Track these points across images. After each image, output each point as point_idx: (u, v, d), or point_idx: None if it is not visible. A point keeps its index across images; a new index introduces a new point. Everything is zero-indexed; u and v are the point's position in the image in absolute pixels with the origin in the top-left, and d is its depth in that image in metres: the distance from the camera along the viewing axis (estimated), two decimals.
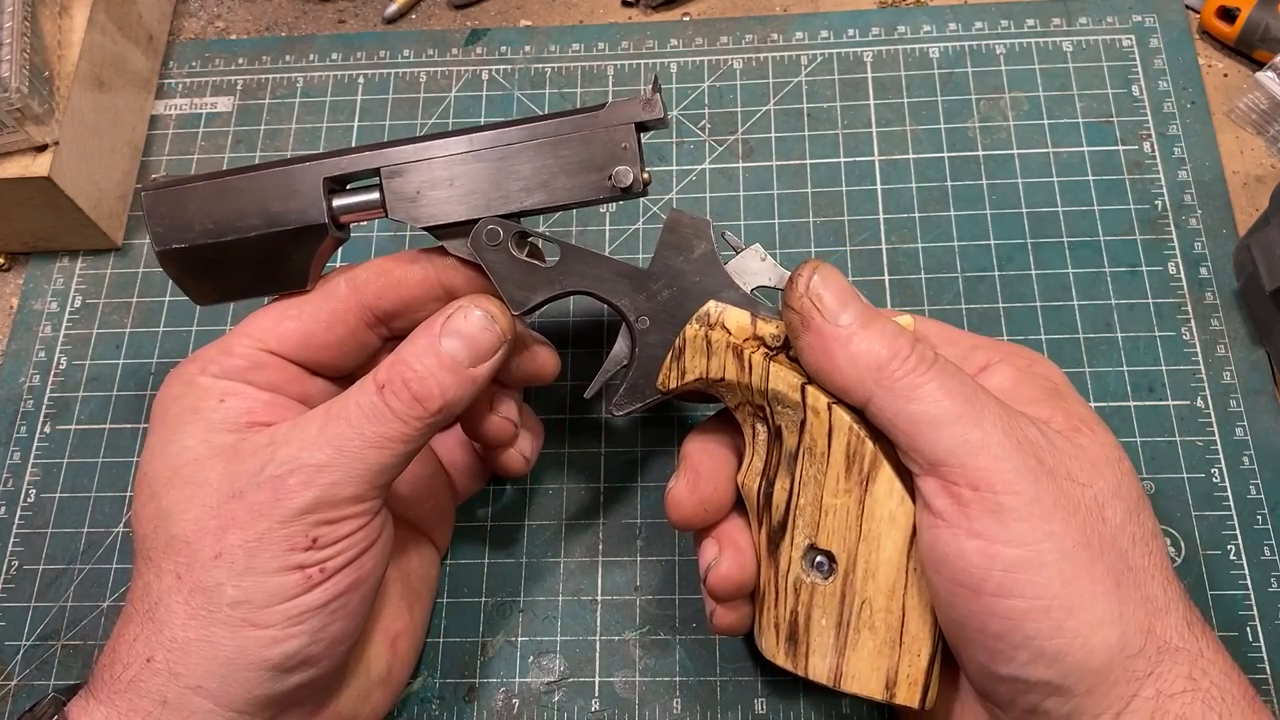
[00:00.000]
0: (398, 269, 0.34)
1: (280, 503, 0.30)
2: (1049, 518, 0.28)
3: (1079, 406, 0.32)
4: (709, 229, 0.34)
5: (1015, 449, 0.28)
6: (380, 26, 0.54)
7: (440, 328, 0.32)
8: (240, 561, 0.29)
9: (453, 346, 0.32)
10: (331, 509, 0.30)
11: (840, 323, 0.30)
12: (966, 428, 0.28)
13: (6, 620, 0.42)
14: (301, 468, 0.30)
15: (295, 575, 0.30)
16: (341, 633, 0.31)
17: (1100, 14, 0.50)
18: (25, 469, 0.45)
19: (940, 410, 0.29)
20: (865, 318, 0.31)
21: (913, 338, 0.30)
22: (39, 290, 0.48)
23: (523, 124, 0.33)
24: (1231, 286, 0.44)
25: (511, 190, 0.33)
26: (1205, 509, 0.40)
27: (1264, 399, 0.42)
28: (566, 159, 0.33)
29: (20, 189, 0.44)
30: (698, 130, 0.49)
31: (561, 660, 0.40)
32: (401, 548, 0.38)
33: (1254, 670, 0.37)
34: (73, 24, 0.47)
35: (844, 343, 0.30)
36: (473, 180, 0.33)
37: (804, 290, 0.31)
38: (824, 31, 0.51)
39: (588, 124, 0.33)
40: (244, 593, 0.29)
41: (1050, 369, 0.34)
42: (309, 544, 0.30)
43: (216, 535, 0.30)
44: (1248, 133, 0.47)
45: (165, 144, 0.51)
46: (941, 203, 0.46)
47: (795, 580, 0.32)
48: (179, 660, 0.29)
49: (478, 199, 0.33)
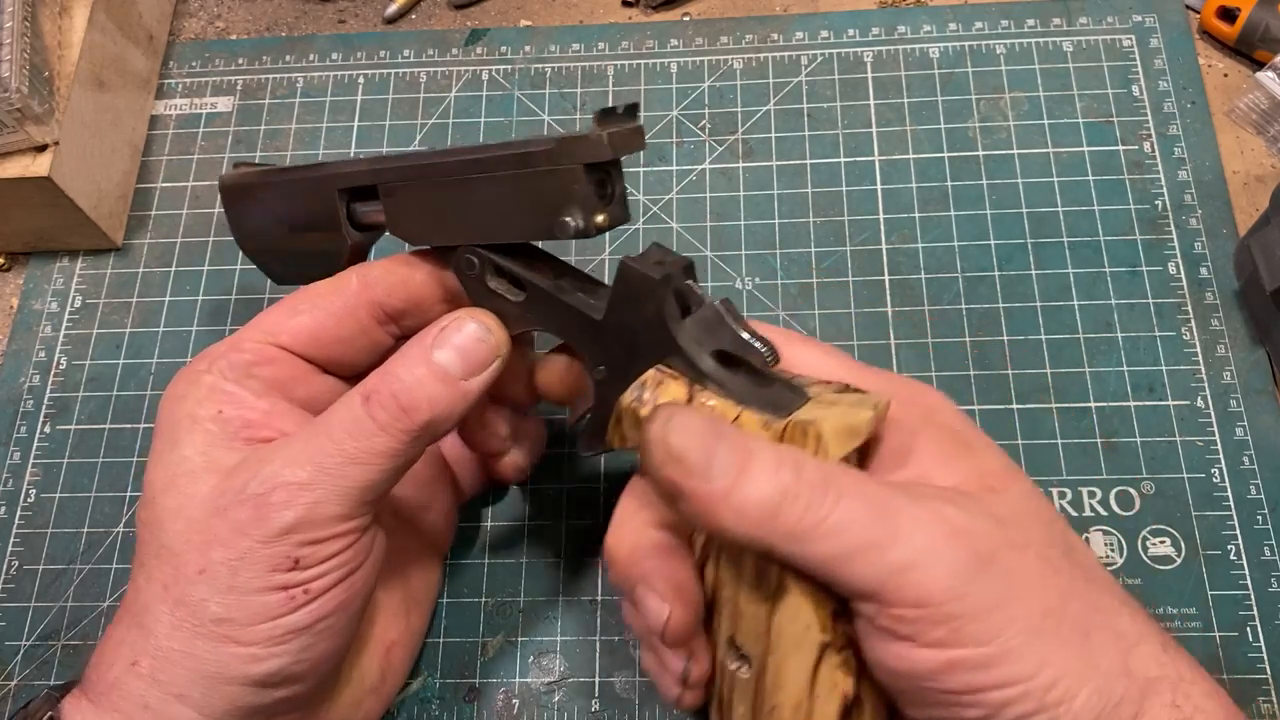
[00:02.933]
0: (406, 267, 0.34)
1: (261, 522, 0.29)
2: (1004, 605, 0.25)
3: (986, 455, 0.29)
4: (659, 289, 0.30)
5: (945, 550, 0.25)
6: (380, 26, 0.54)
7: (433, 339, 0.31)
8: (223, 579, 0.29)
9: (445, 358, 0.31)
10: (315, 529, 0.29)
11: (713, 479, 0.26)
12: (885, 553, 0.25)
13: (6, 620, 0.42)
14: (283, 486, 0.29)
15: (278, 595, 0.29)
16: (327, 652, 0.31)
17: (1100, 14, 0.50)
18: (25, 469, 0.45)
19: (850, 543, 0.25)
20: (740, 461, 0.26)
21: (799, 464, 0.26)
22: (39, 290, 0.48)
23: (489, 153, 0.31)
24: (1232, 286, 0.44)
25: (477, 221, 0.32)
26: (1205, 509, 0.40)
27: (1264, 399, 0.42)
28: (522, 196, 0.31)
29: (20, 189, 0.44)
30: (698, 130, 0.49)
31: (561, 660, 0.40)
32: (403, 555, 0.37)
33: (1254, 670, 0.37)
34: (73, 24, 0.47)
35: (723, 500, 0.26)
36: (449, 206, 0.32)
37: (661, 459, 0.27)
38: (824, 31, 0.51)
39: (541, 160, 0.30)
40: (226, 610, 0.29)
41: (946, 411, 0.30)
42: (291, 565, 0.29)
43: (201, 550, 0.29)
44: (1248, 133, 0.47)
45: (165, 144, 0.51)
46: (941, 203, 0.46)
47: (721, 662, 0.31)
48: (162, 668, 0.29)
49: (454, 226, 0.32)
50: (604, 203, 0.30)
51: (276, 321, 0.33)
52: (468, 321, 0.32)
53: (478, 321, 0.32)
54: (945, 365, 0.43)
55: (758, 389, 0.29)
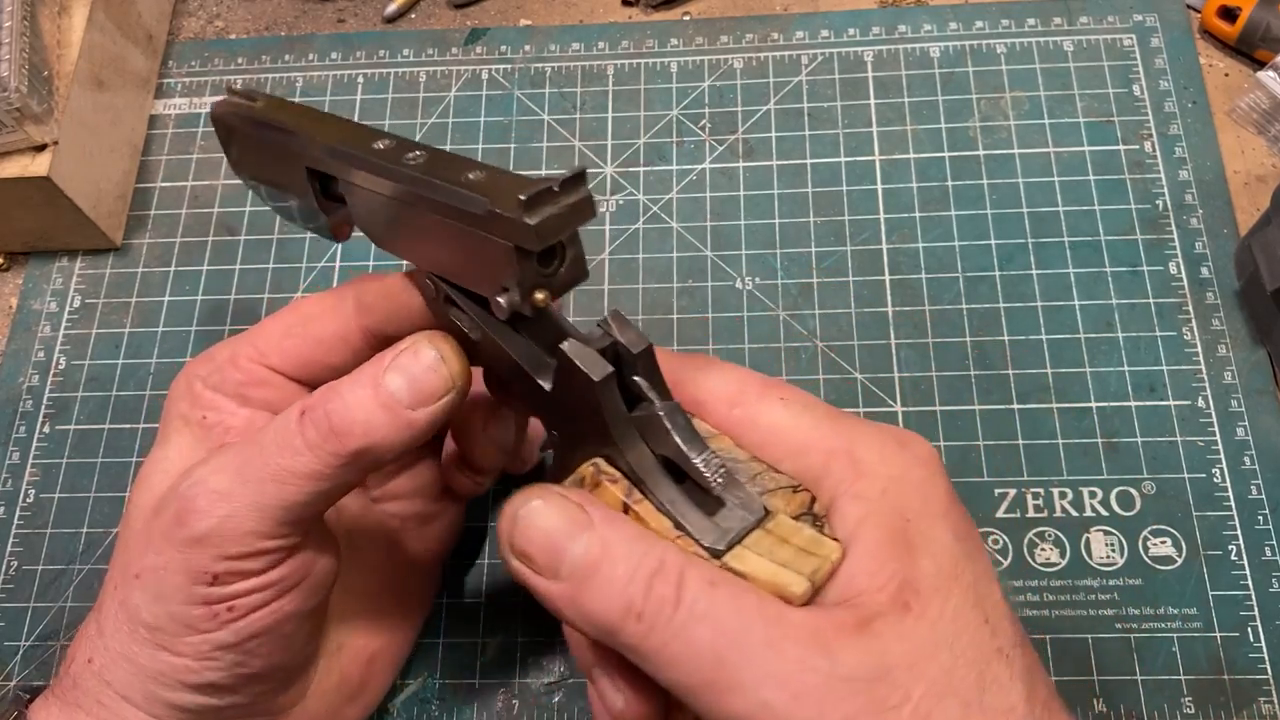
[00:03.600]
0: (405, 294, 0.32)
1: (180, 528, 0.28)
2: None
3: (924, 559, 0.25)
4: (595, 390, 0.26)
5: (789, 712, 0.23)
6: (380, 26, 0.54)
7: (388, 362, 0.29)
8: (152, 586, 0.28)
9: (394, 383, 0.28)
10: (228, 543, 0.27)
11: (559, 579, 0.25)
12: (721, 698, 0.23)
13: (6, 621, 0.42)
14: (205, 492, 0.28)
15: (201, 609, 0.28)
16: (268, 668, 0.30)
17: (1101, 13, 0.50)
18: (24, 469, 0.44)
19: (687, 678, 0.23)
20: (591, 565, 0.24)
21: (655, 575, 0.24)
22: (38, 290, 0.48)
23: (435, 188, 0.27)
24: (1232, 286, 0.44)
25: (427, 251, 0.29)
26: (1206, 509, 0.40)
27: (1265, 399, 0.41)
28: (465, 246, 0.27)
29: (19, 189, 0.44)
30: (698, 130, 0.49)
31: (561, 661, 0.39)
32: (401, 565, 0.37)
33: (1255, 670, 0.37)
34: (72, 24, 0.47)
35: (568, 603, 0.25)
36: (402, 223, 0.29)
37: (507, 551, 0.26)
38: (824, 31, 0.51)
39: (475, 222, 0.26)
40: (155, 619, 0.28)
41: (912, 481, 0.26)
42: (210, 579, 0.28)
43: (139, 553, 0.29)
44: (1249, 132, 0.47)
45: (164, 143, 0.51)
46: (942, 202, 0.46)
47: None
48: (109, 668, 0.29)
49: (408, 245, 0.30)
50: (549, 275, 0.26)
51: (269, 341, 0.32)
52: (426, 348, 0.29)
53: (436, 348, 0.29)
54: (946, 365, 0.43)
55: (705, 505, 0.26)
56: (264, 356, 0.32)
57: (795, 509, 0.26)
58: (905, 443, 0.27)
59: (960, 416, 0.42)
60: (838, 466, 0.26)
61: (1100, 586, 0.39)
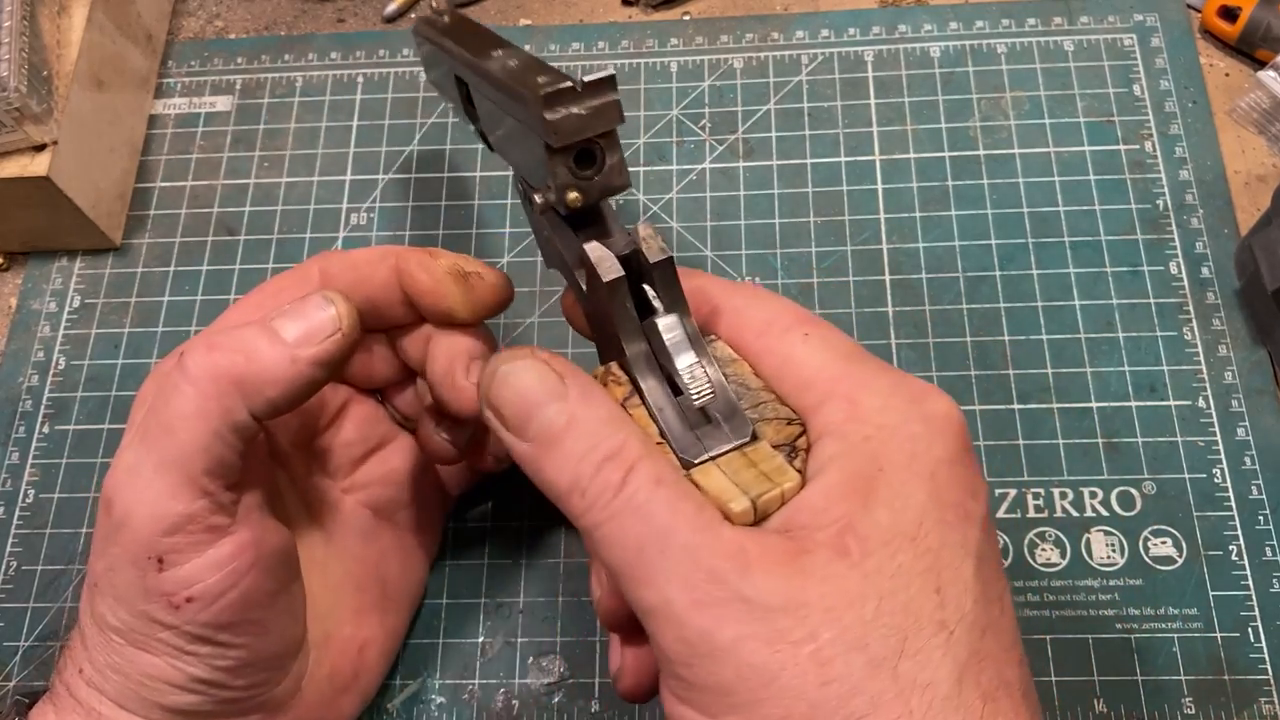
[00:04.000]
0: (366, 266, 0.32)
1: (108, 519, 0.27)
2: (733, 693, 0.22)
3: (879, 509, 0.24)
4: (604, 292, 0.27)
5: (685, 615, 0.22)
6: (380, 25, 0.54)
7: (275, 311, 0.29)
8: (108, 590, 0.28)
9: (282, 323, 0.28)
10: (154, 517, 0.27)
11: (526, 440, 0.25)
12: (636, 589, 0.23)
13: (5, 621, 0.42)
14: (118, 474, 0.27)
15: (159, 602, 0.27)
16: (247, 659, 0.30)
17: (1101, 13, 0.50)
18: (24, 469, 0.44)
19: (615, 562, 0.23)
20: (556, 433, 0.25)
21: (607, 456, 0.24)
22: (37, 290, 0.48)
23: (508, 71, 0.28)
24: (1233, 286, 0.44)
25: (518, 156, 0.30)
26: (1207, 509, 0.40)
27: (1265, 399, 0.41)
28: (533, 153, 0.27)
29: (19, 188, 0.44)
30: (698, 130, 0.49)
31: (561, 661, 0.39)
32: (382, 554, 0.37)
33: (1255, 671, 0.37)
34: (71, 23, 0.47)
35: (531, 463, 0.25)
36: (503, 129, 0.30)
37: (484, 403, 0.26)
38: (825, 30, 0.51)
39: (530, 122, 0.26)
40: (122, 622, 0.28)
41: (903, 436, 0.25)
42: (157, 565, 0.27)
43: (94, 559, 0.28)
44: (1249, 132, 0.47)
45: (164, 143, 0.51)
46: (942, 202, 0.46)
47: None
48: (98, 678, 0.29)
49: (507, 150, 0.31)
50: (586, 177, 0.27)
51: (243, 320, 0.31)
52: (319, 296, 0.29)
53: (324, 295, 0.29)
54: (946, 365, 0.43)
55: (694, 421, 0.27)
56: None
57: (780, 440, 0.26)
58: (919, 397, 0.26)
59: None
60: (835, 406, 0.25)
61: (1101, 587, 0.39)
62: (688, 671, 0.23)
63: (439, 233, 0.48)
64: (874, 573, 0.23)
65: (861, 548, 0.23)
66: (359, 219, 0.49)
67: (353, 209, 0.49)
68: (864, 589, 0.22)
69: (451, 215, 0.48)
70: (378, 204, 0.49)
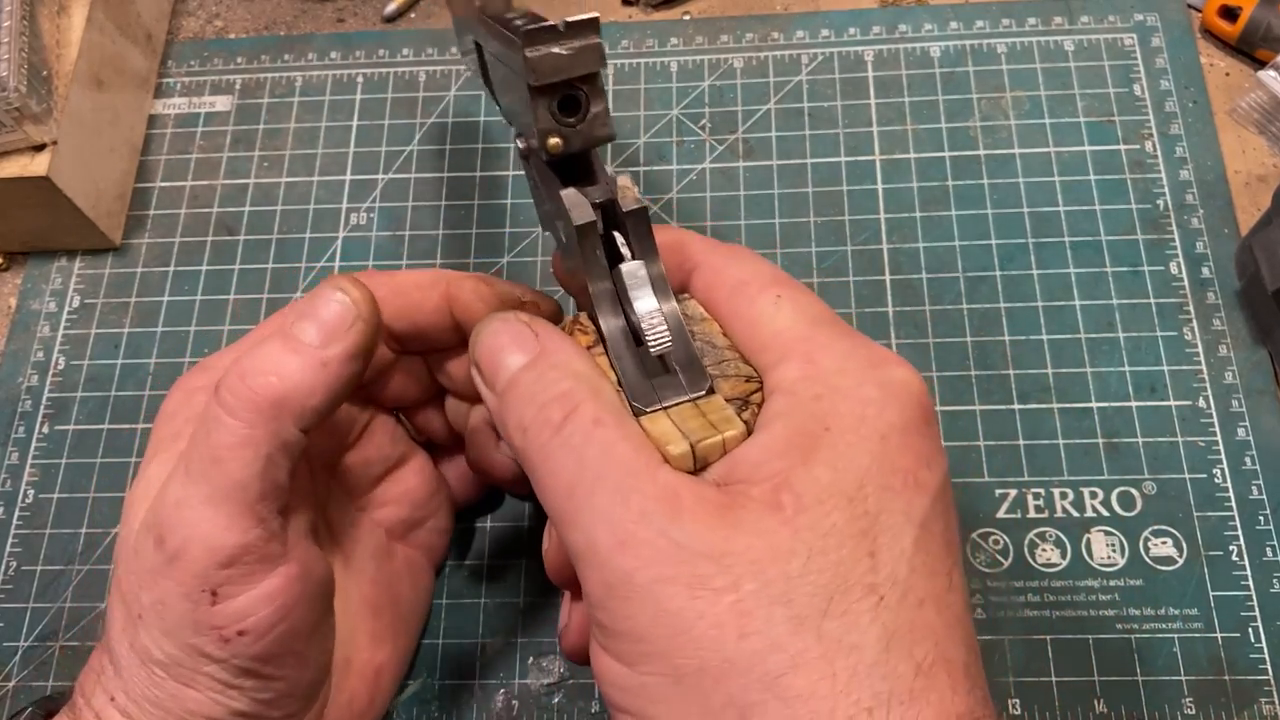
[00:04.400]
0: (416, 292, 0.32)
1: (160, 553, 0.27)
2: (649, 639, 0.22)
3: (820, 467, 0.23)
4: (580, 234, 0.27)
5: (608, 557, 0.22)
6: (379, 25, 0.54)
7: (294, 313, 0.28)
8: (156, 623, 0.27)
9: (297, 327, 0.28)
10: (208, 549, 0.27)
11: (496, 391, 0.26)
12: (565, 528, 0.23)
13: (5, 621, 0.42)
14: (168, 507, 0.27)
15: (211, 636, 0.27)
16: (285, 691, 0.29)
17: (1102, 13, 0.50)
18: (23, 469, 0.44)
19: (549, 498, 0.24)
20: (513, 381, 0.25)
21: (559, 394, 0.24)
22: (37, 290, 0.48)
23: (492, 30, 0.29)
24: (1233, 286, 0.44)
25: (514, 108, 0.30)
26: (1207, 509, 0.40)
27: (1266, 399, 0.41)
28: (523, 102, 0.27)
29: (18, 188, 0.44)
30: (698, 129, 0.49)
31: (561, 661, 0.39)
32: (396, 574, 0.37)
33: (1255, 671, 0.37)
34: (71, 23, 0.47)
35: (496, 412, 0.26)
36: (502, 81, 0.30)
37: (470, 364, 0.27)
38: (825, 30, 0.51)
39: (515, 67, 0.27)
40: (168, 656, 0.27)
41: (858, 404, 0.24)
42: (212, 600, 0.27)
43: (135, 593, 0.28)
44: (1250, 132, 0.47)
45: (164, 143, 0.51)
46: (942, 202, 0.46)
47: None
48: (132, 708, 0.28)
49: (504, 95, 0.32)
50: (570, 125, 0.27)
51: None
52: (325, 288, 0.29)
53: (335, 286, 0.29)
54: (946, 365, 0.43)
55: (652, 371, 0.27)
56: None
57: (735, 395, 0.26)
58: (878, 362, 0.25)
59: (961, 417, 0.42)
60: (791, 365, 0.25)
61: (1101, 587, 0.39)
62: (606, 616, 0.22)
63: (439, 233, 0.48)
64: (805, 529, 0.22)
65: (796, 504, 0.22)
66: (359, 219, 0.49)
67: (353, 209, 0.49)
68: (793, 544, 0.22)
69: (451, 215, 0.48)
70: (378, 204, 0.49)
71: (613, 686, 0.23)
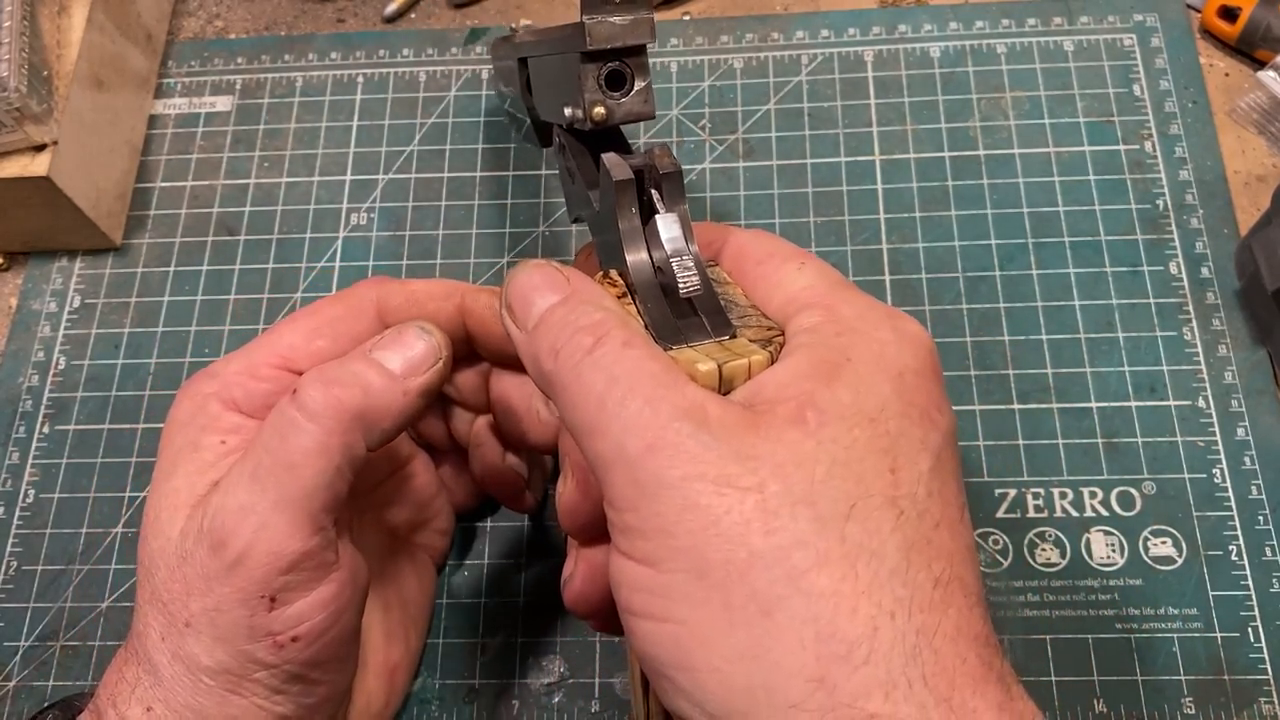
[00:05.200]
0: (431, 304, 0.32)
1: (219, 560, 0.27)
2: (669, 536, 0.22)
3: (840, 388, 0.24)
4: (616, 190, 0.28)
5: (636, 460, 0.23)
6: (379, 26, 0.54)
7: (371, 343, 0.30)
8: (207, 631, 0.27)
9: (382, 354, 0.30)
10: (272, 555, 0.27)
11: (526, 330, 0.27)
12: (591, 440, 0.24)
13: (5, 621, 0.42)
14: (230, 514, 0.27)
15: (265, 642, 0.27)
16: (330, 693, 0.30)
17: (1101, 13, 0.50)
18: (24, 469, 0.44)
19: (575, 413, 0.24)
20: (545, 315, 0.26)
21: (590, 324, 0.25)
22: (38, 290, 0.48)
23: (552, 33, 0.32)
24: (1233, 286, 0.44)
25: (552, 101, 0.32)
26: (1206, 509, 0.40)
27: (1265, 399, 0.41)
28: (568, 80, 0.30)
29: (19, 189, 0.44)
30: (698, 130, 0.49)
31: (561, 661, 0.39)
32: (401, 574, 0.37)
33: (1255, 671, 0.37)
34: (71, 23, 0.47)
35: (526, 348, 0.26)
36: (544, 84, 0.33)
37: (501, 308, 0.28)
38: (825, 31, 0.51)
39: (569, 47, 0.29)
40: (219, 663, 0.28)
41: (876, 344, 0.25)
42: (269, 606, 0.27)
43: (183, 601, 0.28)
44: (1249, 132, 0.47)
45: (164, 143, 0.51)
46: (942, 202, 0.46)
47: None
48: (171, 718, 0.28)
49: (544, 101, 0.34)
50: (614, 98, 0.29)
51: (294, 345, 0.31)
52: (408, 325, 0.31)
53: (418, 324, 0.31)
54: (946, 365, 0.43)
55: (682, 316, 0.28)
56: (290, 362, 0.31)
57: (758, 338, 0.27)
58: (895, 315, 0.26)
59: (960, 417, 0.42)
60: (812, 312, 0.26)
61: (1100, 587, 0.39)
62: (634, 517, 0.23)
63: (439, 233, 0.48)
64: (828, 441, 0.23)
65: (819, 418, 0.23)
66: (359, 219, 0.49)
67: (353, 209, 0.49)
68: (816, 453, 0.22)
69: (451, 215, 0.48)
70: (378, 204, 0.49)
71: (634, 590, 0.23)
